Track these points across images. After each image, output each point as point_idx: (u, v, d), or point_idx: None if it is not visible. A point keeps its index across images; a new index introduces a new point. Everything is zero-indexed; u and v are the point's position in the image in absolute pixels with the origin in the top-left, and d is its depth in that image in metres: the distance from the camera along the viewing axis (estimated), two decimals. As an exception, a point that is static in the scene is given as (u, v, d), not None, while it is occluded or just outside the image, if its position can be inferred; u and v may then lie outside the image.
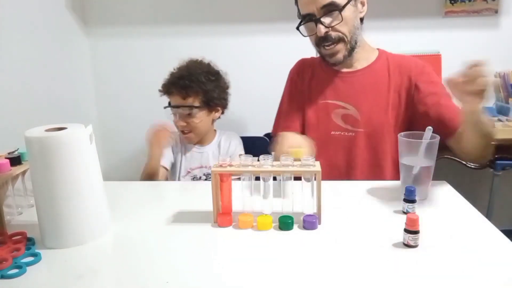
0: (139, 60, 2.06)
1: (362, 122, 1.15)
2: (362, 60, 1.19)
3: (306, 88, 1.25)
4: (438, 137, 0.87)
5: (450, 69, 2.16)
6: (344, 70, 1.20)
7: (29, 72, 1.54)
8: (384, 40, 1.91)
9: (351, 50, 1.14)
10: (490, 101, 1.97)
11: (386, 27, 1.91)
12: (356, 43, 1.14)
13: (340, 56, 1.13)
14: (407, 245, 0.68)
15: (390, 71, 1.16)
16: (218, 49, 1.96)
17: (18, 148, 0.92)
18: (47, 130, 0.72)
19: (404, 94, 1.14)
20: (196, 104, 1.38)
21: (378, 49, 1.23)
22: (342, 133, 1.16)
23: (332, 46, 1.11)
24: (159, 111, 1.41)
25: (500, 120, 1.76)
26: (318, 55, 1.23)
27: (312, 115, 1.21)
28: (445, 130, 1.01)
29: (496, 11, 1.89)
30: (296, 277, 0.61)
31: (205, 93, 1.39)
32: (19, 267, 0.65)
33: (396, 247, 0.69)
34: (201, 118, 1.40)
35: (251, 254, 0.69)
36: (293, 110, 1.25)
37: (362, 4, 1.14)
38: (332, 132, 1.17)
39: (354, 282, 0.60)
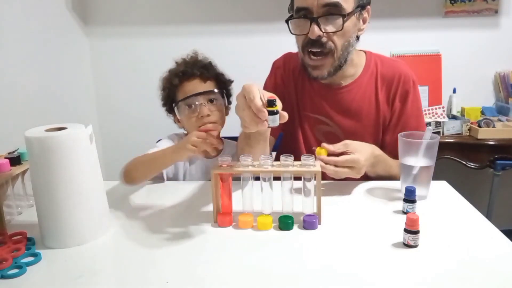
0: (139, 60, 2.06)
1: None
2: (348, 76, 1.08)
3: (292, 86, 1.14)
4: (438, 137, 0.87)
5: (450, 69, 2.17)
6: (329, 83, 1.09)
7: (29, 72, 1.54)
8: (384, 40, 1.92)
9: (337, 68, 1.02)
10: (490, 101, 1.97)
11: (387, 27, 1.91)
12: (345, 61, 1.02)
13: (324, 72, 1.01)
14: (407, 245, 0.68)
15: (378, 85, 1.08)
16: (218, 48, 1.96)
17: (18, 148, 0.92)
18: (47, 130, 0.72)
19: (388, 107, 1.08)
20: (216, 89, 1.17)
21: (365, 56, 1.12)
22: None
23: (320, 57, 0.99)
24: (159, 111, 1.40)
25: (500, 120, 1.76)
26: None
27: (295, 124, 1.12)
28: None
29: (496, 11, 1.89)
30: (296, 277, 0.61)
31: (219, 76, 1.21)
32: (19, 267, 0.65)
33: (396, 247, 0.69)
34: (221, 106, 1.17)
35: (251, 254, 0.69)
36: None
37: (364, 21, 1.03)
38: (313, 148, 0.95)
39: (354, 282, 0.60)
